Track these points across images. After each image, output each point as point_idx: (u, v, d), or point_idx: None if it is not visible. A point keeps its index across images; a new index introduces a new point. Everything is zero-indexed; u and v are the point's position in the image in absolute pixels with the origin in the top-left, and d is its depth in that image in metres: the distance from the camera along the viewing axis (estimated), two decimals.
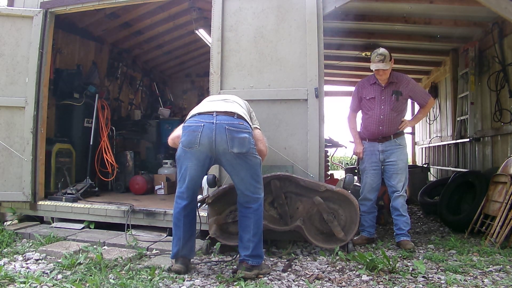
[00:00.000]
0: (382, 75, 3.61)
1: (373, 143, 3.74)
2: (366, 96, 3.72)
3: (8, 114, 4.16)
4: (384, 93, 3.66)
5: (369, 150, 3.76)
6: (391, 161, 3.66)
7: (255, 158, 2.70)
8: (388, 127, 3.66)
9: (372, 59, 3.59)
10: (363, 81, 3.86)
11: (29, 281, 2.46)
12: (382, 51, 3.58)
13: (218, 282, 2.58)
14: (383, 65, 3.54)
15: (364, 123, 3.81)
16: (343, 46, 6.58)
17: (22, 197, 4.13)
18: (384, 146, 3.69)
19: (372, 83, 3.72)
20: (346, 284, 2.58)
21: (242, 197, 2.74)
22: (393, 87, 3.66)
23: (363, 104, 3.77)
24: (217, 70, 3.67)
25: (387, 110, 3.64)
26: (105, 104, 5.36)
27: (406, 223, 3.58)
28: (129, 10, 5.45)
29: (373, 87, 3.71)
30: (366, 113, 3.75)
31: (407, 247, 3.42)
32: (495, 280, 2.65)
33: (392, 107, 3.64)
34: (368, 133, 3.76)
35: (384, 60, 3.54)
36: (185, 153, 2.66)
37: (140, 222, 3.85)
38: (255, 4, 3.69)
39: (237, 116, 2.68)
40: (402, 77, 3.73)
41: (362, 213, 3.68)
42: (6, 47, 4.19)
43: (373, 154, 3.73)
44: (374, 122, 3.67)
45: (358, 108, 3.87)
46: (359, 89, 3.81)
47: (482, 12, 4.69)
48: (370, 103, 3.70)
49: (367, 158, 3.77)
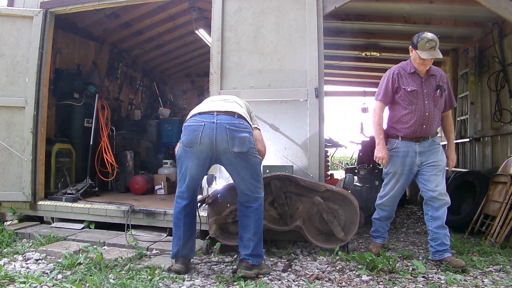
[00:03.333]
0: (427, 65, 3.08)
1: (409, 143, 3.15)
2: (406, 87, 3.10)
3: (8, 114, 4.16)
4: (425, 86, 3.11)
5: (403, 151, 3.15)
6: (431, 162, 3.10)
7: (255, 158, 2.71)
8: (431, 126, 3.12)
9: (421, 46, 2.97)
10: (398, 68, 3.19)
11: (29, 281, 2.46)
12: (432, 36, 2.98)
13: (218, 282, 2.58)
14: (437, 53, 2.99)
15: (401, 119, 3.16)
16: (343, 46, 6.59)
17: (22, 197, 4.13)
18: (422, 147, 3.13)
19: (410, 72, 3.13)
20: (346, 284, 2.58)
21: (242, 197, 2.74)
22: (433, 80, 3.14)
23: (400, 96, 3.13)
24: (217, 70, 3.67)
25: (432, 106, 3.09)
26: (105, 104, 5.37)
27: (447, 236, 3.04)
28: (129, 10, 5.45)
29: (413, 78, 3.12)
30: (406, 107, 3.12)
31: (459, 265, 2.84)
32: (495, 280, 2.65)
33: (436, 104, 3.11)
34: (405, 131, 3.14)
35: (436, 46, 2.98)
36: (186, 153, 2.66)
37: (140, 222, 3.85)
38: (255, 4, 3.69)
39: (238, 116, 2.69)
40: (439, 70, 3.23)
41: (382, 219, 3.34)
42: (6, 47, 4.19)
43: (408, 155, 3.14)
44: (417, 119, 3.08)
45: (391, 100, 3.20)
46: (395, 77, 3.15)
47: (482, 12, 4.69)
48: (412, 97, 3.09)
49: (399, 160, 3.16)
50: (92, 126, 5.14)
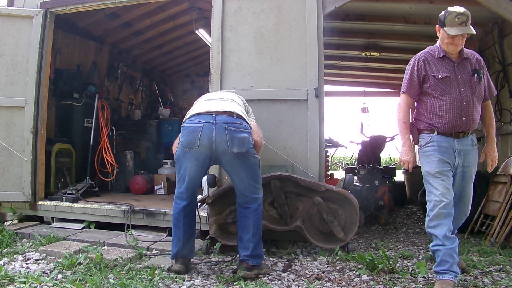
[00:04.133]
0: (458, 45, 2.59)
1: (447, 138, 2.61)
2: (436, 74, 2.62)
3: (8, 114, 4.16)
4: (459, 71, 2.63)
5: (440, 147, 2.60)
6: (468, 165, 2.65)
7: (254, 158, 2.71)
8: (472, 118, 2.62)
9: (450, 22, 2.54)
10: (424, 54, 2.73)
11: (29, 281, 2.46)
12: (462, 9, 2.56)
13: (218, 282, 2.58)
14: (469, 29, 2.54)
15: (435, 112, 2.64)
16: (343, 46, 6.59)
17: (22, 197, 4.13)
18: (462, 145, 2.62)
19: (440, 56, 2.66)
20: (346, 284, 2.58)
21: (241, 198, 2.74)
22: (468, 64, 2.67)
23: (430, 86, 2.64)
24: (217, 70, 3.67)
25: (469, 94, 2.60)
26: (105, 104, 5.37)
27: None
28: (129, 10, 5.45)
29: (443, 63, 2.65)
30: (439, 97, 2.63)
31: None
32: (495, 280, 2.65)
33: (474, 91, 2.62)
34: (442, 125, 2.62)
35: (467, 21, 2.54)
36: (185, 154, 2.66)
37: (140, 222, 3.85)
38: (255, 4, 3.69)
39: (236, 116, 2.69)
40: (473, 53, 2.75)
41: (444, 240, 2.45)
42: (6, 47, 4.19)
43: (445, 152, 2.60)
44: (454, 110, 2.59)
45: (419, 91, 2.71)
46: (421, 64, 2.67)
47: (482, 12, 4.69)
48: (444, 84, 2.61)
49: (437, 158, 2.58)
50: (92, 126, 5.14)
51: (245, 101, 3.11)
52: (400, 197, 6.34)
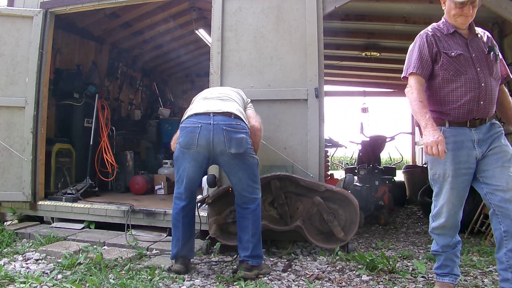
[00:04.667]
0: (468, 16, 2.26)
1: (461, 130, 2.25)
2: (449, 52, 2.26)
3: (8, 114, 4.16)
4: (473, 49, 2.29)
5: (454, 142, 2.23)
6: (495, 149, 2.23)
7: (252, 158, 2.70)
8: (491, 102, 2.27)
9: None
10: (432, 29, 2.36)
11: (29, 281, 2.46)
12: None
13: (218, 282, 2.58)
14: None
15: (447, 96, 2.29)
16: (343, 46, 6.59)
17: (22, 197, 4.13)
18: (481, 133, 2.25)
19: (449, 32, 2.31)
20: (346, 284, 2.58)
21: (240, 198, 2.74)
22: (481, 42, 2.33)
23: (442, 65, 2.28)
24: (217, 70, 3.67)
25: (487, 75, 2.26)
26: (105, 104, 5.36)
27: None
28: (129, 10, 5.45)
29: (454, 39, 2.30)
30: (452, 79, 2.26)
31: None
32: (495, 280, 2.64)
33: (491, 71, 2.27)
34: (456, 112, 2.26)
35: None
36: (183, 154, 2.66)
37: (140, 222, 3.85)
38: (255, 4, 3.69)
39: (234, 116, 2.68)
40: (483, 30, 2.43)
41: (445, 248, 2.34)
42: (6, 47, 4.19)
43: (462, 147, 2.23)
44: (470, 93, 2.22)
45: (430, 71, 2.32)
46: (431, 39, 2.31)
47: (482, 12, 4.66)
48: (458, 64, 2.25)
49: (450, 155, 2.21)
50: (92, 126, 5.13)
51: (242, 93, 3.11)
52: (400, 197, 6.35)
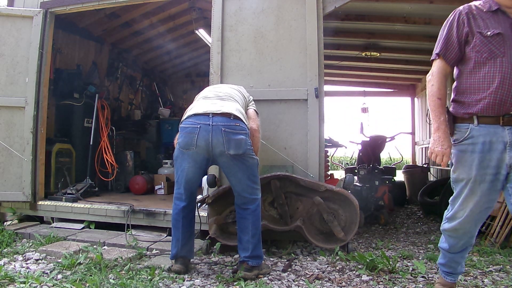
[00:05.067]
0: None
1: (491, 128, 1.94)
2: (484, 31, 1.95)
3: (8, 114, 4.16)
4: None
5: (483, 143, 1.94)
6: None
7: (252, 159, 2.70)
8: None
9: None
10: (469, 6, 2.06)
11: (29, 281, 2.46)
12: None
13: (218, 282, 2.58)
14: None
15: (474, 84, 2.00)
16: (343, 46, 6.59)
17: (22, 197, 4.13)
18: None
19: (492, 10, 1.99)
20: (346, 284, 2.58)
21: (239, 199, 2.73)
22: None
23: (474, 46, 1.98)
24: (217, 70, 3.67)
25: None
26: (105, 104, 5.36)
27: None
28: (129, 10, 5.45)
29: (496, 18, 1.97)
30: (485, 62, 1.95)
31: None
32: (495, 280, 2.65)
33: None
34: (483, 104, 1.95)
35: None
36: (183, 154, 2.66)
37: (140, 222, 3.85)
38: (255, 4, 3.69)
39: (234, 117, 2.67)
40: None
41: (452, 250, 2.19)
42: (6, 47, 4.19)
43: (491, 150, 1.93)
44: (504, 80, 1.89)
45: (459, 55, 2.05)
46: (463, 18, 2.03)
47: None
48: (494, 45, 1.93)
49: (476, 158, 1.95)
50: (92, 126, 5.13)
51: (244, 91, 3.11)
52: (400, 197, 6.35)
